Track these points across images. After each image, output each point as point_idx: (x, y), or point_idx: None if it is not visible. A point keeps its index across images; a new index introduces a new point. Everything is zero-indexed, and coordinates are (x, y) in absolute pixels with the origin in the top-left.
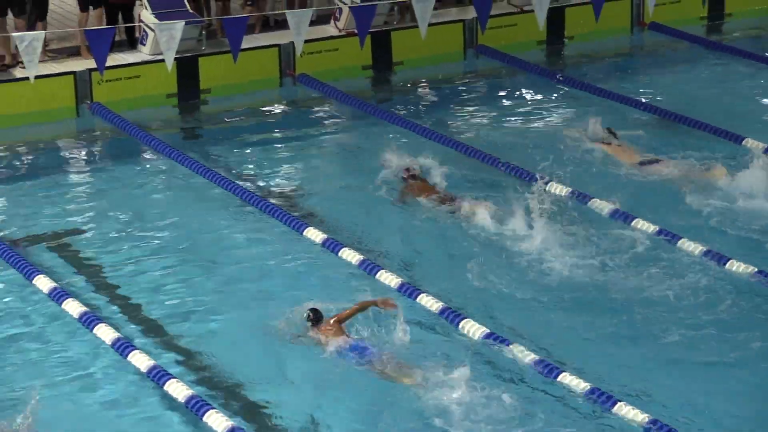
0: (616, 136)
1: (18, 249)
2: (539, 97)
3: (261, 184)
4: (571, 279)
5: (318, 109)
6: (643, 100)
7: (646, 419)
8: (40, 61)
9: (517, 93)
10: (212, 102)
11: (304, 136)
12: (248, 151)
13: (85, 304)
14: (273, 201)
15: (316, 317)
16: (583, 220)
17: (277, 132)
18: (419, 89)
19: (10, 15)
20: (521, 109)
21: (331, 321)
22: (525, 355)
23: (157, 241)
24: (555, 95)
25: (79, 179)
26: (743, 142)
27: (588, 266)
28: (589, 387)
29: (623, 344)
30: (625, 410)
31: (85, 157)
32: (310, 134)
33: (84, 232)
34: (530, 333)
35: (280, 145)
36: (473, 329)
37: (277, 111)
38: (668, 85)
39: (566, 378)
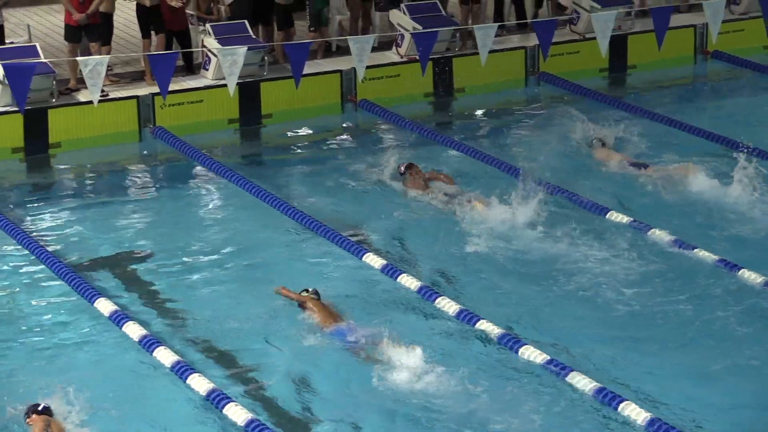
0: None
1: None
2: (600, 124)
3: (321, 209)
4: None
5: (379, 134)
6: (705, 128)
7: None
8: (104, 86)
9: (578, 121)
10: (273, 127)
11: (365, 161)
12: (309, 176)
13: (145, 326)
14: (332, 226)
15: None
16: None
17: (338, 157)
18: (480, 116)
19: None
20: (582, 137)
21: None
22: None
23: (217, 266)
24: (616, 123)
25: (141, 202)
26: None
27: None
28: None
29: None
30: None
31: (147, 181)
32: (371, 160)
33: (145, 254)
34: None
35: (341, 171)
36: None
37: (338, 136)
38: (730, 113)
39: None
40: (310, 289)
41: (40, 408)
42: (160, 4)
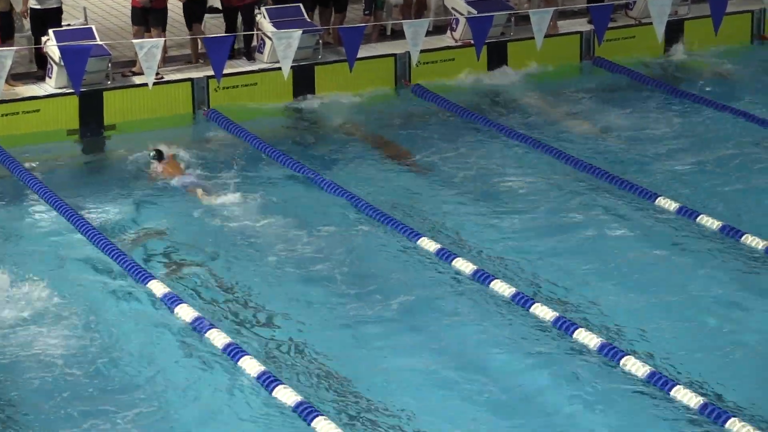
0: None
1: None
2: (654, 110)
3: (374, 192)
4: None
5: (432, 118)
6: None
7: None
8: (160, 69)
9: (633, 106)
10: (328, 110)
11: (418, 145)
12: (360, 160)
13: (198, 309)
14: (387, 212)
15: (159, 156)
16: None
17: (391, 140)
18: (534, 100)
19: None
20: (636, 123)
21: (171, 157)
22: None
23: (269, 248)
24: (671, 108)
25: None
26: None
27: None
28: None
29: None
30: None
31: (201, 163)
32: (424, 144)
33: (197, 236)
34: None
35: (397, 156)
36: None
37: (391, 120)
38: None
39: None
40: (162, 152)
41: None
42: None
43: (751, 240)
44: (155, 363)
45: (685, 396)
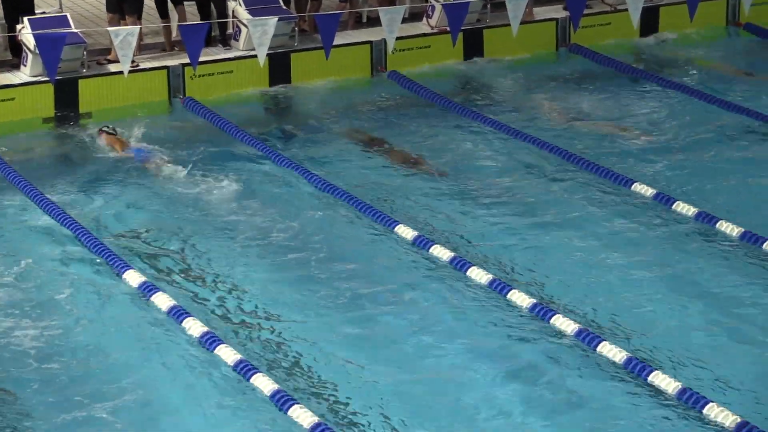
0: None
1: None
2: (630, 96)
3: (348, 179)
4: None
5: (407, 106)
6: (733, 102)
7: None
8: (136, 56)
9: (608, 92)
10: (303, 97)
11: (394, 133)
12: (338, 146)
13: (174, 297)
14: (363, 199)
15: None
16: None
17: (366, 129)
18: (511, 88)
19: None
20: (611, 109)
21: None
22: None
23: (243, 235)
24: (646, 95)
25: (170, 170)
26: None
27: None
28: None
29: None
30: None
31: (176, 150)
32: (400, 131)
33: (172, 224)
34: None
35: (371, 144)
36: None
37: (367, 107)
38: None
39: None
40: (109, 126)
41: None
42: None
43: (725, 227)
44: (123, 351)
45: (663, 381)
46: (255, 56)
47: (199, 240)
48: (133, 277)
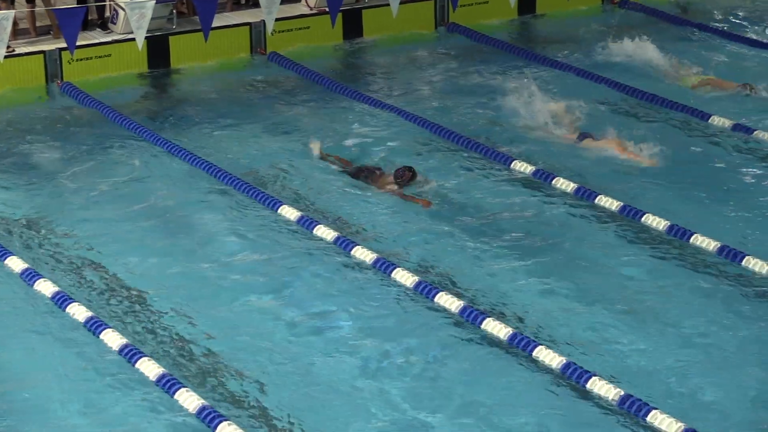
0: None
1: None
2: (509, 75)
3: (231, 162)
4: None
5: (288, 87)
6: (611, 78)
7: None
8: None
9: (488, 71)
10: (183, 80)
11: (275, 114)
12: (219, 129)
13: (59, 285)
14: (244, 179)
15: None
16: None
17: (247, 110)
18: (390, 67)
19: None
20: (491, 88)
21: None
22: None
23: (127, 219)
24: (525, 73)
25: (49, 158)
26: (709, 119)
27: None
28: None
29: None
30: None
31: (55, 136)
32: (281, 113)
33: (55, 210)
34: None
35: (250, 124)
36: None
37: (248, 89)
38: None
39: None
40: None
41: None
42: None
43: (605, 201)
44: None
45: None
46: (133, 39)
47: (84, 225)
48: (15, 263)
